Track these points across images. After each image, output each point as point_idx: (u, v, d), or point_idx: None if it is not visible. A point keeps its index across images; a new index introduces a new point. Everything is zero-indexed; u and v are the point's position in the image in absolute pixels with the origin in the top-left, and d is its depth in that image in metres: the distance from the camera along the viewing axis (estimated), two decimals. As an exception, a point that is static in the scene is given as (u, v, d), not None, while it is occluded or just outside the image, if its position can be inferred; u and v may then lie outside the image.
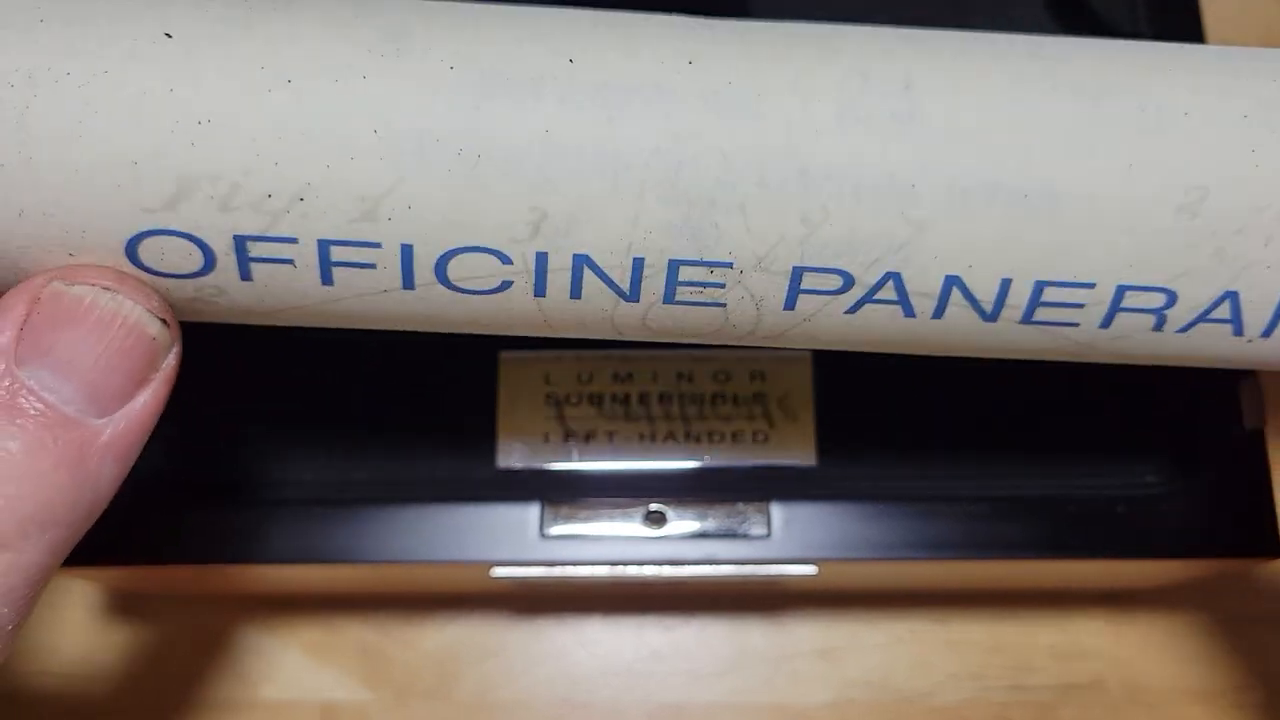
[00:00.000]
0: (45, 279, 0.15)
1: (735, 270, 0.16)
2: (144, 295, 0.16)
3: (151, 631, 0.33)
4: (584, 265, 0.16)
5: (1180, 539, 0.26)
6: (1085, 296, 0.17)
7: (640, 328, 0.17)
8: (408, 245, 0.16)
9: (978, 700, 0.32)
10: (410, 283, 0.16)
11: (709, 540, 0.25)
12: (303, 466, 0.27)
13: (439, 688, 0.32)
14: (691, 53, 0.16)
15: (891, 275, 0.16)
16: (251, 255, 0.16)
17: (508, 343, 0.27)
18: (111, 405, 0.16)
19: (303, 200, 0.15)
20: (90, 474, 0.16)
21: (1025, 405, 0.27)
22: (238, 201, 0.15)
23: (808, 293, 0.16)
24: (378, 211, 0.15)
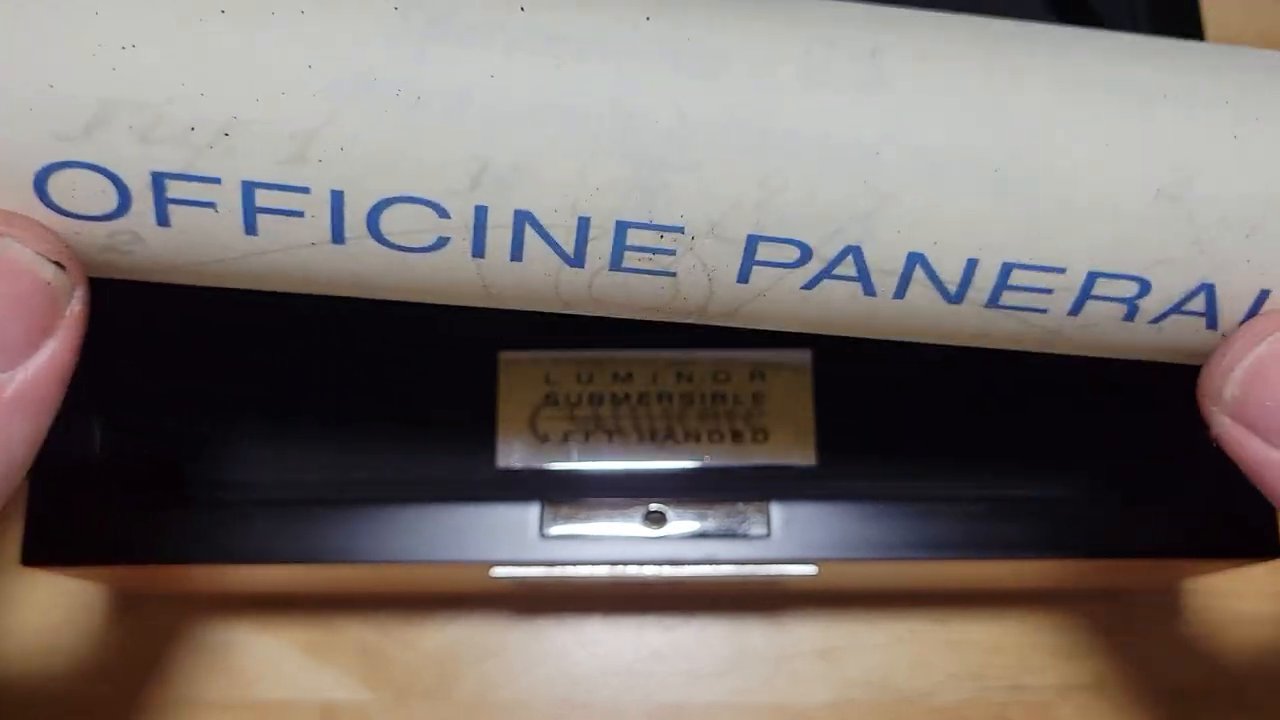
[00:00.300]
0: None
1: (687, 236, 0.15)
2: (35, 237, 0.15)
3: (151, 631, 0.33)
4: (525, 223, 0.15)
5: (1180, 539, 0.26)
6: (1054, 282, 0.16)
7: (587, 299, 0.16)
8: (338, 191, 0.15)
9: (978, 700, 0.32)
10: (340, 235, 0.15)
11: (709, 540, 0.25)
12: (303, 466, 0.27)
13: (439, 688, 0.32)
14: (651, 8, 0.15)
15: (851, 249, 0.15)
16: (170, 196, 0.15)
17: (508, 342, 0.27)
18: (13, 358, 0.15)
19: (228, 135, 0.14)
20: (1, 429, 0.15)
21: (1025, 405, 0.27)
22: (159, 134, 0.14)
23: (763, 264, 0.16)
24: (307, 152, 0.14)
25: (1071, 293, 0.16)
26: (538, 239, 0.15)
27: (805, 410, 0.27)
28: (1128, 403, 0.27)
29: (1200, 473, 0.26)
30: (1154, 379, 0.27)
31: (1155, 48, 0.16)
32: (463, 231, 0.15)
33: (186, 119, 0.14)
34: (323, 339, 0.27)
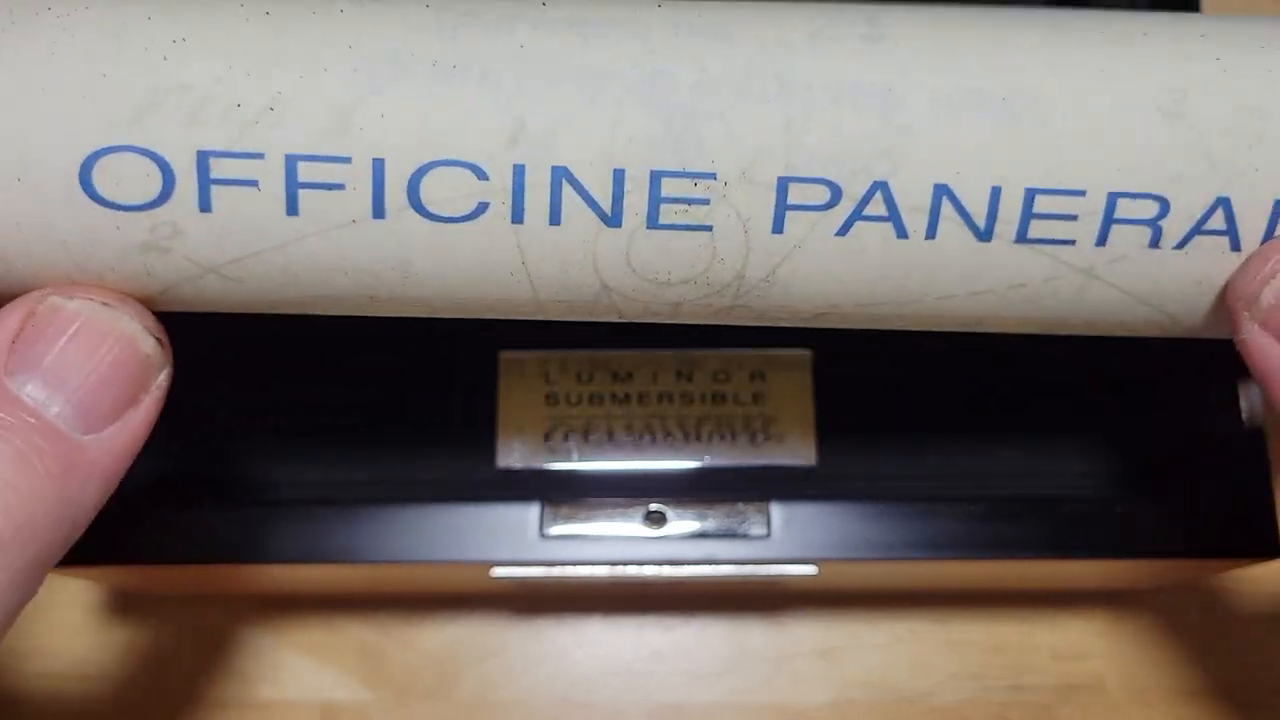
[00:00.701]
0: (43, 293, 0.15)
1: (719, 183, 0.16)
2: (140, 313, 0.16)
3: (151, 631, 0.33)
4: (563, 180, 0.16)
5: (1180, 539, 0.26)
6: (1078, 206, 0.16)
7: (625, 269, 0.17)
8: (379, 159, 0.15)
9: (977, 700, 0.32)
10: (380, 208, 0.15)
11: (709, 540, 0.25)
12: (303, 466, 0.27)
13: (439, 688, 0.32)
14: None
15: (879, 185, 0.16)
16: (214, 176, 0.15)
17: (508, 342, 0.27)
18: (101, 423, 0.15)
19: (273, 110, 0.15)
20: (75, 491, 0.15)
21: (1026, 405, 0.27)
22: (205, 113, 0.15)
23: (795, 209, 0.16)
24: (349, 121, 0.15)
25: (1095, 217, 0.16)
26: (575, 197, 0.16)
27: (805, 410, 0.27)
28: (1128, 403, 0.27)
29: (1200, 473, 0.26)
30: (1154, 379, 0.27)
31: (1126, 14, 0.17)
32: (502, 195, 0.16)
33: (232, 98, 0.15)
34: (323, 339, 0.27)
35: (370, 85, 0.15)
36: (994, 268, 0.17)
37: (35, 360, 0.15)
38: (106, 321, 0.15)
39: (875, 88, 0.16)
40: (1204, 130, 0.16)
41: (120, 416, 0.16)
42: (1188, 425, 0.27)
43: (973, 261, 0.17)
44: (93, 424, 0.15)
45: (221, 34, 0.15)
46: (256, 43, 0.15)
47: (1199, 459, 0.27)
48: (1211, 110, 0.16)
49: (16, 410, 0.15)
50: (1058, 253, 0.17)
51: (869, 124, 0.16)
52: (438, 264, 0.16)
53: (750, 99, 0.16)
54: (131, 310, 0.16)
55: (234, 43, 0.15)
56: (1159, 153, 0.16)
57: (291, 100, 0.15)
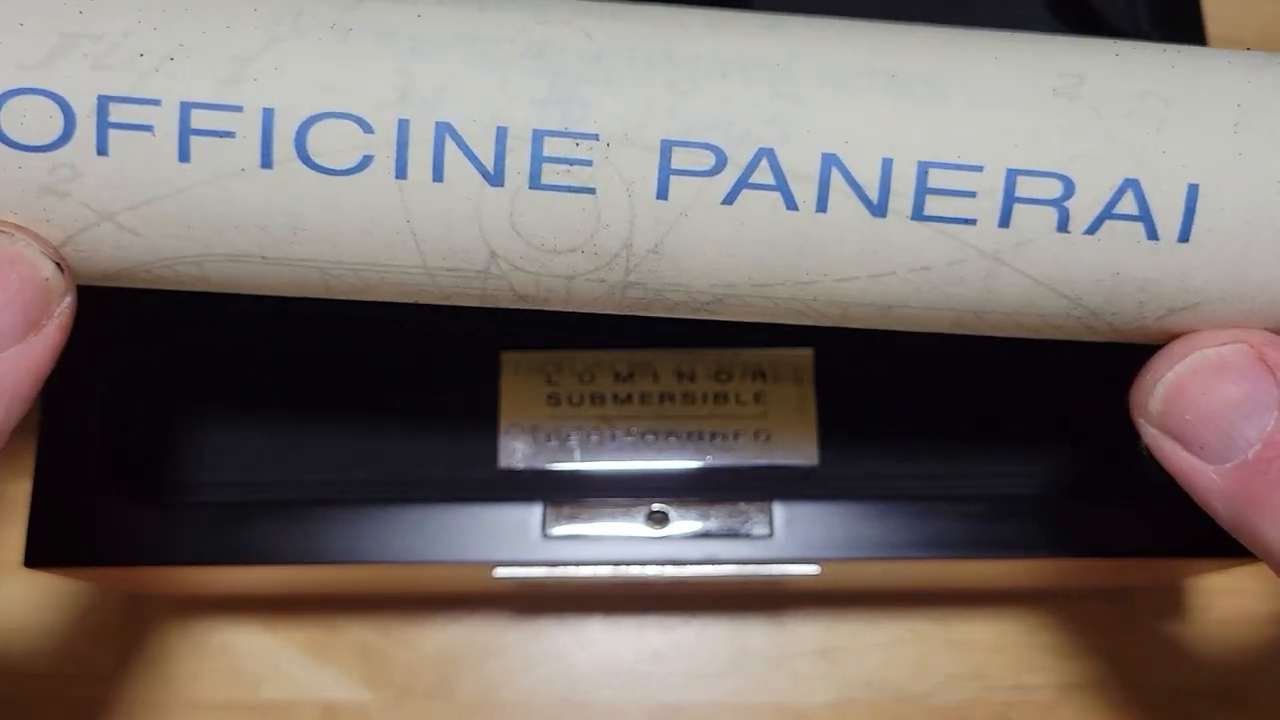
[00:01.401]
0: None
1: (602, 143, 0.16)
2: (38, 239, 0.16)
3: (152, 632, 0.33)
4: (446, 136, 0.16)
5: (1180, 539, 0.26)
6: (975, 182, 0.16)
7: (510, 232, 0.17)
8: (269, 109, 0.16)
9: (979, 700, 0.32)
10: (268, 158, 0.16)
11: (711, 540, 0.25)
12: (304, 467, 0.27)
13: (440, 688, 0.32)
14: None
15: (765, 152, 0.16)
16: (111, 120, 0.16)
17: (509, 342, 0.27)
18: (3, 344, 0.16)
19: (173, 60, 0.16)
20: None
21: (1026, 405, 0.27)
22: (110, 60, 0.16)
23: (680, 173, 0.16)
24: (245, 72, 0.16)
25: (995, 195, 0.16)
26: (458, 153, 0.16)
27: (807, 410, 0.27)
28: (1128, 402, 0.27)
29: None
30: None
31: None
32: (386, 149, 0.16)
33: (137, 47, 0.16)
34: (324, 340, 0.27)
35: (268, 41, 0.16)
36: (892, 246, 0.16)
37: None
38: (4, 247, 0.16)
39: (764, 62, 0.16)
40: (1104, 112, 0.16)
41: (23, 339, 0.16)
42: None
43: (869, 238, 0.16)
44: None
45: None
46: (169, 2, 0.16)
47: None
48: (1111, 93, 0.16)
49: None
50: (959, 233, 0.16)
51: (756, 93, 0.16)
52: (325, 219, 0.16)
53: (637, 65, 0.16)
54: (28, 236, 0.16)
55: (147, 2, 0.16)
56: (1058, 131, 0.16)
57: (192, 51, 0.16)
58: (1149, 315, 0.17)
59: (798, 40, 0.16)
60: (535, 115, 0.16)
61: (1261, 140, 0.16)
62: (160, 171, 0.16)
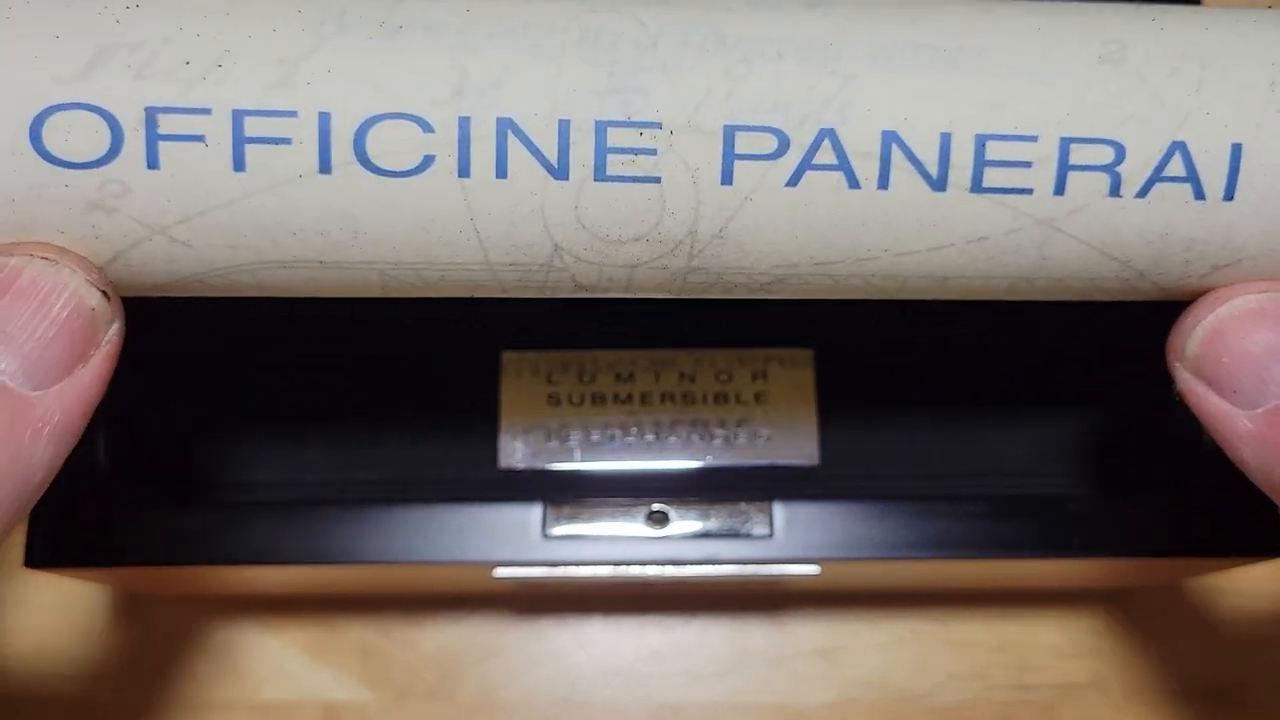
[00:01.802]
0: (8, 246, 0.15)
1: (665, 131, 0.16)
2: (84, 267, 0.15)
3: (152, 632, 0.33)
4: (508, 131, 0.16)
5: (1180, 539, 0.26)
6: (1031, 153, 0.16)
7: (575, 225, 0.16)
8: (325, 113, 0.15)
9: (979, 700, 0.32)
10: (327, 163, 0.16)
11: (711, 540, 0.25)
12: (305, 467, 0.27)
13: (440, 688, 0.32)
14: None
15: (826, 132, 0.16)
16: (161, 132, 0.15)
17: (510, 342, 0.27)
18: (49, 379, 0.15)
19: (220, 66, 0.15)
20: (23, 448, 0.15)
21: (1027, 405, 0.27)
22: (154, 70, 0.15)
23: (744, 158, 0.16)
24: (295, 76, 0.15)
25: (1050, 164, 0.16)
26: (521, 148, 0.16)
27: (807, 410, 0.27)
28: (1129, 402, 0.27)
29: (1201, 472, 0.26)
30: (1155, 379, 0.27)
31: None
32: (447, 147, 0.16)
33: (181, 55, 0.15)
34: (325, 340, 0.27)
35: (316, 40, 0.15)
36: (952, 219, 0.17)
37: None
38: (49, 276, 0.15)
39: (815, 42, 0.16)
40: (1148, 75, 0.16)
41: (70, 373, 0.15)
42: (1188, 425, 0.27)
43: (930, 213, 0.17)
44: (41, 380, 0.15)
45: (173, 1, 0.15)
46: (208, 5, 0.15)
47: (1199, 459, 0.27)
48: (1152, 57, 0.16)
49: None
50: (1016, 203, 0.17)
51: (811, 73, 0.16)
52: (385, 221, 0.16)
53: (691, 50, 0.16)
54: (74, 263, 0.15)
55: (186, 5, 0.15)
56: (1106, 96, 0.16)
57: (239, 57, 0.15)
58: (1194, 273, 0.17)
59: (842, 18, 0.16)
60: (596, 105, 0.16)
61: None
62: (214, 182, 0.16)
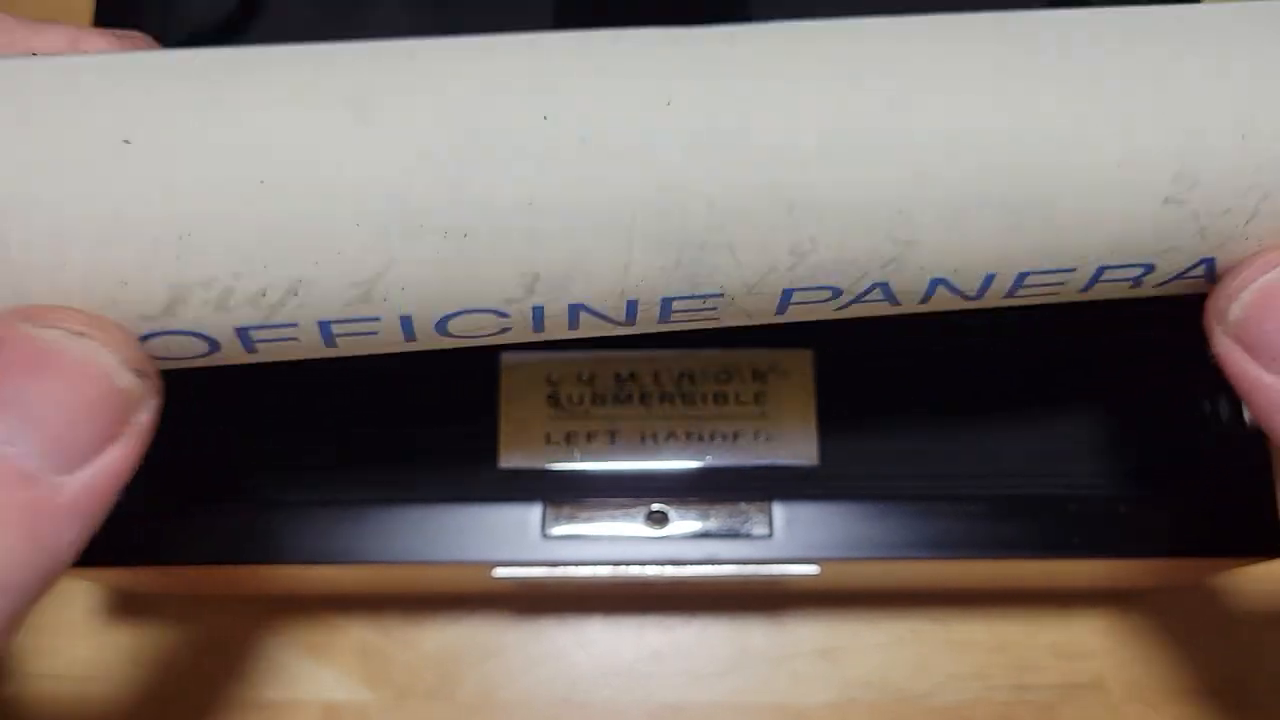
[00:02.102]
0: (12, 318, 0.14)
1: (727, 298, 0.17)
2: (119, 343, 0.15)
3: (153, 632, 0.33)
4: (580, 310, 0.16)
5: (1180, 539, 0.26)
6: (1066, 278, 0.17)
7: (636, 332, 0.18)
8: (406, 316, 0.16)
9: (979, 700, 0.32)
10: (411, 338, 0.16)
11: (711, 540, 0.25)
12: (305, 467, 0.27)
13: (440, 688, 0.32)
14: (670, 90, 0.15)
15: (879, 284, 0.17)
16: (256, 339, 0.16)
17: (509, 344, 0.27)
18: (74, 462, 0.14)
19: (297, 295, 0.15)
20: (47, 535, 0.14)
21: (1027, 406, 0.27)
22: (233, 301, 0.15)
23: (799, 304, 0.17)
24: (372, 294, 0.15)
25: (1082, 280, 0.17)
26: (591, 317, 0.17)
27: (807, 410, 0.27)
28: (1128, 403, 0.27)
29: (1200, 473, 0.26)
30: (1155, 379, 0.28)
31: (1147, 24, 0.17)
32: (523, 322, 0.16)
33: (255, 287, 0.15)
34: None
35: (384, 262, 0.15)
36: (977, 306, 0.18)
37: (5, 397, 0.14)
38: (79, 354, 0.14)
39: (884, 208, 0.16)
40: (1204, 213, 0.16)
41: (98, 454, 0.14)
42: (1188, 425, 0.27)
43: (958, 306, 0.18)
44: (65, 464, 0.14)
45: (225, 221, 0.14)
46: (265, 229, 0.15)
47: (1199, 459, 0.27)
48: (1219, 194, 0.16)
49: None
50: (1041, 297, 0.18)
51: (875, 242, 0.16)
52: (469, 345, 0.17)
53: (758, 229, 0.16)
54: (107, 340, 0.14)
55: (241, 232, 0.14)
56: (1156, 234, 0.16)
57: (313, 284, 0.15)
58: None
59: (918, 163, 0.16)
60: (663, 284, 0.16)
61: None
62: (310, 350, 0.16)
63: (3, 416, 0.14)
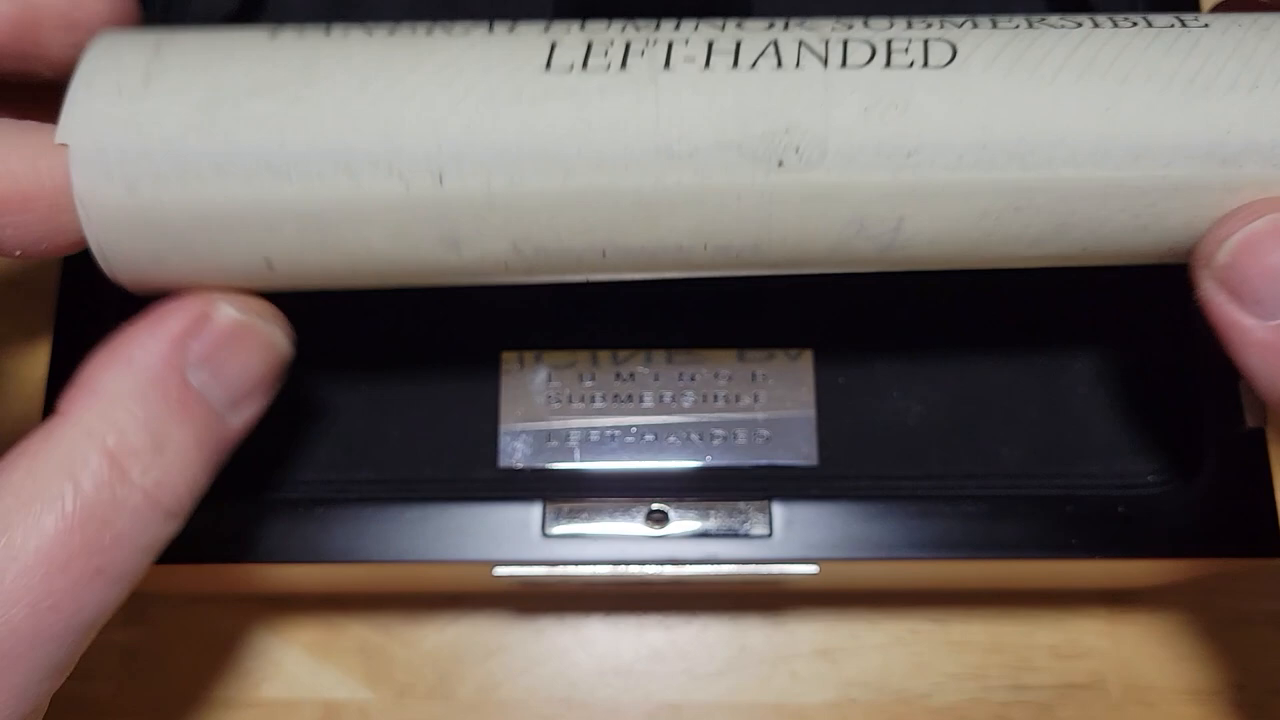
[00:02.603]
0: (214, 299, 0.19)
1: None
2: (286, 328, 0.20)
3: (153, 631, 0.33)
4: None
5: (1180, 539, 0.26)
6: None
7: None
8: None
9: (978, 700, 0.32)
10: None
11: (710, 540, 0.25)
12: (305, 466, 0.27)
13: (440, 687, 0.32)
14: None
15: None
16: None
17: (510, 342, 0.27)
18: (244, 406, 0.20)
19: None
20: (216, 457, 0.19)
21: (1026, 406, 0.27)
22: None
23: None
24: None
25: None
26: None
27: (807, 410, 0.27)
28: (1128, 403, 0.27)
29: (1201, 473, 0.26)
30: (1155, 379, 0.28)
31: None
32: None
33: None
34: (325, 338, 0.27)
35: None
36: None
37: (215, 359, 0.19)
38: (266, 334, 0.20)
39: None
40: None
41: (255, 403, 0.20)
42: (1188, 425, 0.27)
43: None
44: (240, 410, 0.20)
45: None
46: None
47: (1199, 459, 0.27)
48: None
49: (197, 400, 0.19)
50: None
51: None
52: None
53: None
54: (282, 324, 0.20)
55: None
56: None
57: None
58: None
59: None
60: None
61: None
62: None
63: (208, 371, 0.19)
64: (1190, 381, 0.27)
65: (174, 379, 0.18)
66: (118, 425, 0.18)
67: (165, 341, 0.19)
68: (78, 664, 0.19)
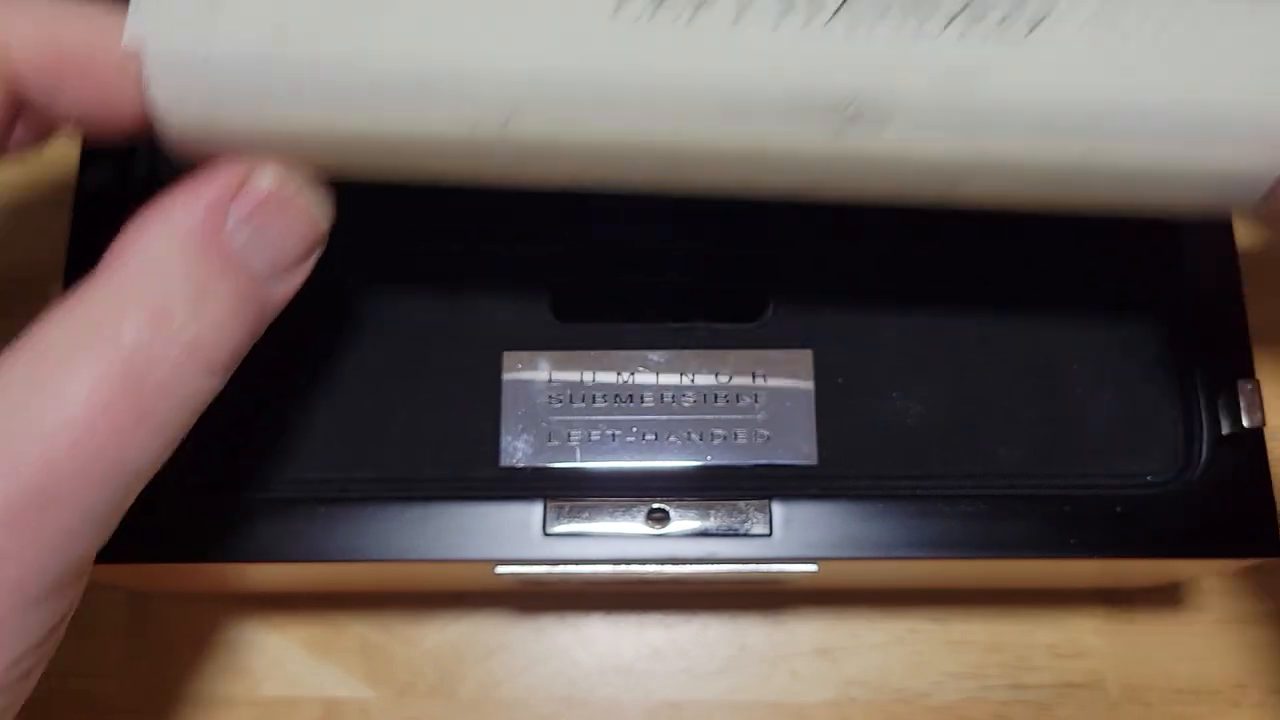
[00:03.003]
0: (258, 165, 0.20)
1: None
2: (327, 198, 0.21)
3: (153, 629, 0.33)
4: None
5: (1180, 539, 0.26)
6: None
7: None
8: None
9: (977, 699, 0.32)
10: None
11: (711, 539, 0.26)
12: (305, 465, 0.27)
13: (441, 685, 0.33)
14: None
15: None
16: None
17: (511, 341, 0.27)
18: (285, 275, 0.20)
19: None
20: (257, 324, 0.20)
21: (1026, 405, 0.27)
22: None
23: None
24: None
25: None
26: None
27: (807, 409, 0.27)
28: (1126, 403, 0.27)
29: (1201, 473, 0.26)
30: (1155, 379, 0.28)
31: None
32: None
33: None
34: (325, 338, 0.28)
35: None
36: None
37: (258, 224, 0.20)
38: (305, 204, 0.20)
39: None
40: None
41: (295, 273, 0.21)
42: (1188, 425, 0.27)
43: None
44: (281, 278, 0.20)
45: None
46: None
47: (1199, 459, 0.27)
48: None
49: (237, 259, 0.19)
50: None
51: None
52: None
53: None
54: (324, 194, 0.21)
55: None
56: None
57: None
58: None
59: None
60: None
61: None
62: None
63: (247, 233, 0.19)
64: (1189, 381, 0.27)
65: (214, 237, 0.19)
66: (157, 280, 0.18)
67: (205, 200, 0.19)
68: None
